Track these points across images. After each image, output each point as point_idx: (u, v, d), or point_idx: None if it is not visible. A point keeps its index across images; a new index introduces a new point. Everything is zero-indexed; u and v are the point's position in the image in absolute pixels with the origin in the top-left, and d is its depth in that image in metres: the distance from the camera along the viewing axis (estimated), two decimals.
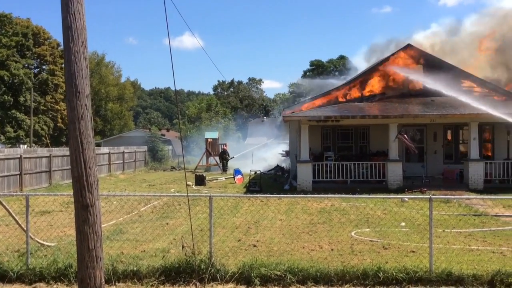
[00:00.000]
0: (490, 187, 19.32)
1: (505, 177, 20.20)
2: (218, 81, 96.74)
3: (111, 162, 31.53)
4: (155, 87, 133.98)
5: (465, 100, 20.07)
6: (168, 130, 66.96)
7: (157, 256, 8.35)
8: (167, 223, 12.03)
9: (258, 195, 11.60)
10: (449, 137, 24.01)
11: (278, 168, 30.68)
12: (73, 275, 7.13)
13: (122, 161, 33.63)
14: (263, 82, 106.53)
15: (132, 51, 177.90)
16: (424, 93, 22.17)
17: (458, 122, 21.35)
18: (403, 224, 11.34)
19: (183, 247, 7.36)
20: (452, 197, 15.43)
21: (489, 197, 13.87)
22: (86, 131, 5.24)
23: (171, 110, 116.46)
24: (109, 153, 31.37)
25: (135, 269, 7.39)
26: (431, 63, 22.27)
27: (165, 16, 5.56)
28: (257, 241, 9.89)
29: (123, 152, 34.11)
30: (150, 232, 10.71)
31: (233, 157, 34.75)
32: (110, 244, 9.38)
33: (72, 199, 5.36)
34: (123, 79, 74.83)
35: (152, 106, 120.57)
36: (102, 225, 11.41)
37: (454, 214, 13.17)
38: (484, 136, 23.07)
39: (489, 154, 22.93)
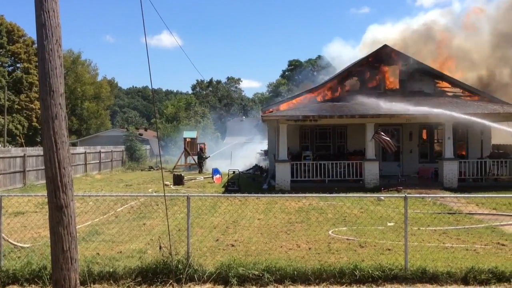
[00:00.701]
0: (464, 185, 19.73)
1: (478, 176, 20.66)
2: (197, 80, 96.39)
3: (87, 162, 31.07)
4: (133, 86, 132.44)
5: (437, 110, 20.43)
6: (146, 129, 66.23)
7: (133, 257, 8.28)
8: (144, 224, 11.93)
9: (236, 194, 11.62)
10: (424, 137, 24.44)
11: (256, 167, 30.73)
12: (48, 277, 7.01)
13: (98, 161, 33.17)
14: (242, 82, 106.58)
15: (109, 49, 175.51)
16: (401, 93, 22.52)
17: (433, 121, 21.73)
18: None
19: (160, 247, 7.31)
20: (427, 195, 15.70)
21: (463, 195, 14.15)
22: (60, 130, 5.16)
23: (149, 109, 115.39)
24: (85, 153, 30.91)
25: (111, 270, 7.31)
26: (407, 64, 22.62)
27: (142, 14, 5.52)
28: (235, 240, 9.89)
29: (100, 152, 33.65)
30: (126, 232, 10.60)
31: (209, 157, 34.70)
32: (86, 245, 9.26)
33: (47, 200, 5.27)
34: (99, 78, 73.78)
35: (129, 105, 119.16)
36: (78, 226, 11.25)
37: (429, 213, 13.42)
38: (459, 135, 23.55)
39: (463, 153, 23.43)
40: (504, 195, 12.90)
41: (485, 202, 15.20)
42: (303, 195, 10.54)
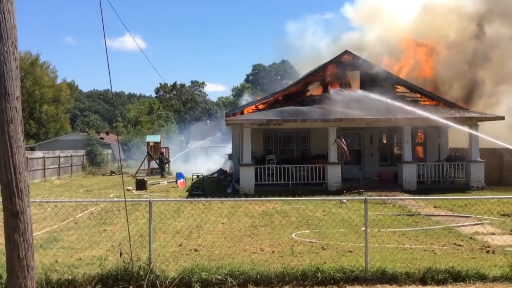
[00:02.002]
0: (423, 188, 20.36)
1: (436, 178, 21.33)
2: (160, 83, 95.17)
3: (46, 167, 30.17)
4: (94, 89, 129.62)
5: (400, 106, 21.00)
6: (107, 133, 64.87)
7: (93, 264, 8.10)
8: (105, 230, 11.68)
9: (200, 199, 11.56)
10: (384, 140, 25.03)
11: (221, 171, 30.63)
12: (3, 285, 6.76)
13: (57, 166, 32.26)
14: (206, 85, 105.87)
15: (70, 51, 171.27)
16: (361, 98, 23.00)
17: (393, 126, 22.30)
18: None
19: (121, 254, 7.18)
20: (387, 198, 16.08)
21: (421, 197, 14.61)
22: (16, 135, 5.00)
23: (110, 112, 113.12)
24: (43, 158, 30.00)
25: (70, 278, 7.13)
26: (367, 69, 23.14)
27: (103, 16, 5.43)
28: (199, 245, 9.84)
29: (59, 156, 32.74)
30: (86, 239, 10.35)
31: (169, 161, 34.41)
32: (44, 253, 8.98)
33: (1, 206, 5.10)
34: (59, 80, 71.78)
35: (90, 108, 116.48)
36: (35, 233, 10.90)
37: (388, 214, 13.74)
38: (417, 139, 24.25)
39: (422, 156, 24.13)
40: (460, 197, 13.41)
41: (442, 203, 15.71)
42: (267, 198, 10.66)
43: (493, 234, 10.72)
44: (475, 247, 9.55)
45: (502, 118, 20.91)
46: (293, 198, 10.18)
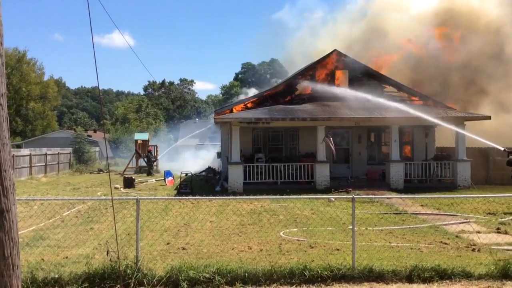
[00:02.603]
0: (410, 186, 20.51)
1: (423, 177, 21.52)
2: (149, 81, 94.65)
3: (33, 165, 29.84)
4: (82, 86, 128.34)
5: (388, 105, 21.13)
6: (95, 131, 64.37)
7: (80, 263, 8.03)
8: (92, 228, 11.60)
9: (188, 197, 11.52)
10: (372, 139, 25.18)
11: (210, 169, 30.57)
12: None
13: (44, 164, 31.92)
14: (195, 83, 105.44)
15: (57, 48, 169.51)
16: (350, 97, 23.09)
17: (381, 125, 22.45)
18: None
19: (107, 252, 7.13)
20: (374, 196, 16.20)
21: (408, 196, 14.68)
22: (1, 132, 4.94)
23: (98, 110, 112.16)
24: (30, 155, 29.67)
25: (56, 276, 7.06)
26: (356, 68, 23.25)
27: (91, 12, 5.38)
28: (187, 243, 9.81)
29: (46, 154, 32.41)
30: (73, 237, 10.26)
31: (156, 159, 34.26)
32: (30, 251, 8.90)
33: None
34: (46, 77, 71.00)
35: (78, 105, 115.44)
36: (21, 231, 10.80)
37: (376, 213, 13.84)
38: (404, 138, 24.41)
39: (409, 155, 24.31)
40: (446, 196, 13.53)
41: (429, 202, 15.85)
42: (256, 197, 10.64)
43: (478, 232, 10.85)
44: (461, 245, 9.66)
45: (489, 117, 21.17)
46: (282, 197, 10.21)
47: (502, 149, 15.71)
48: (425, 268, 7.43)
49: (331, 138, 20.61)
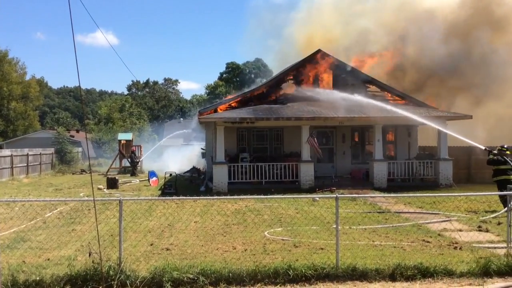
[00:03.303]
0: (393, 185, 20.71)
1: (406, 176, 21.73)
2: (132, 81, 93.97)
3: (14, 165, 29.38)
4: (64, 86, 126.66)
5: (374, 104, 21.26)
6: (78, 131, 63.54)
7: (62, 264, 7.92)
8: (74, 229, 11.45)
9: (173, 197, 11.45)
10: (356, 139, 25.35)
11: (194, 169, 30.45)
12: None
13: (26, 164, 31.45)
14: (179, 83, 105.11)
15: (40, 47, 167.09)
16: (334, 96, 23.22)
17: (365, 124, 22.62)
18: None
19: (90, 254, 7.05)
20: (358, 195, 16.31)
21: (391, 195, 14.81)
22: None
23: (81, 110, 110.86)
24: (11, 156, 29.20)
25: (37, 278, 6.96)
26: (340, 68, 23.39)
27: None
28: (171, 244, 9.76)
29: (27, 155, 31.93)
30: (55, 239, 10.12)
31: (140, 160, 34.03)
32: (11, 253, 8.77)
33: None
34: (28, 77, 69.94)
35: (60, 105, 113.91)
36: (2, 233, 10.65)
37: (359, 212, 13.93)
38: (388, 137, 24.65)
39: (392, 154, 24.54)
40: (429, 194, 13.66)
41: (411, 201, 16.03)
42: (240, 197, 10.64)
43: (460, 230, 11.00)
44: (443, 243, 9.77)
45: (470, 117, 21.46)
46: (266, 196, 10.19)
47: (484, 148, 15.93)
48: (408, 266, 7.50)
49: (315, 138, 20.70)
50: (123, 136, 37.44)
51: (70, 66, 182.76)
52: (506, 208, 12.07)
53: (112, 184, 22.66)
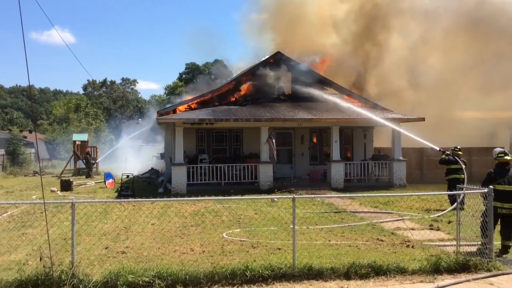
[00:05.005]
0: (350, 186, 21.15)
1: (362, 176, 22.23)
2: (88, 80, 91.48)
3: None
4: (17, 85, 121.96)
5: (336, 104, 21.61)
6: (30, 131, 61.38)
7: (12, 269, 7.61)
8: (24, 233, 11.05)
9: (129, 199, 11.23)
10: (314, 140, 25.70)
11: (153, 171, 30.03)
12: None
13: None
14: (138, 83, 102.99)
15: None
16: (293, 98, 23.52)
17: (322, 126, 22.97)
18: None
19: (41, 258, 6.83)
20: (316, 196, 16.51)
21: (347, 195, 15.14)
22: None
23: (34, 109, 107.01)
24: None
25: None
26: (298, 70, 23.66)
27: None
28: (126, 247, 9.58)
29: None
30: (5, 243, 9.73)
31: (96, 162, 33.23)
32: None
33: None
34: None
35: (13, 105, 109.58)
36: None
37: (316, 212, 14.13)
38: (345, 139, 25.12)
39: (349, 155, 25.05)
40: (383, 194, 14.03)
41: (367, 201, 16.41)
42: (199, 198, 10.57)
43: (412, 229, 11.36)
44: (396, 242, 10.05)
45: (422, 119, 22.17)
46: (225, 197, 10.18)
47: (438, 148, 16.52)
48: (362, 264, 7.67)
49: (273, 140, 20.84)
50: (78, 137, 36.44)
51: (23, 64, 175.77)
52: (453, 207, 12.61)
53: (66, 186, 21.99)
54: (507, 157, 9.34)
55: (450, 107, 27.39)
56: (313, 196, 15.23)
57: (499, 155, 9.42)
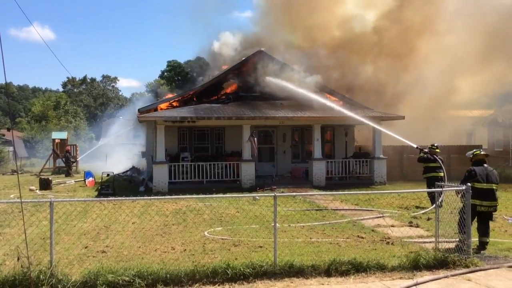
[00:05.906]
0: (331, 183, 21.32)
1: (343, 174, 22.40)
2: (68, 77, 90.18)
3: None
4: None
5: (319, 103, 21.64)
6: (8, 129, 60.24)
7: None
8: (1, 233, 10.85)
9: (109, 198, 11.12)
10: (296, 138, 25.81)
11: (134, 169, 29.75)
12: None
13: None
14: (118, 80, 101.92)
15: None
16: (275, 97, 23.51)
17: (304, 124, 23.08)
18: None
19: (18, 258, 6.71)
20: (298, 194, 16.61)
21: (329, 193, 15.22)
22: None
23: (13, 107, 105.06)
24: None
25: None
26: (280, 68, 23.67)
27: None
28: (107, 246, 9.48)
29: None
30: None
31: (75, 161, 32.79)
32: None
33: None
34: None
35: None
36: None
37: (298, 210, 14.19)
38: (326, 137, 25.31)
39: (330, 153, 25.21)
40: (364, 192, 14.16)
41: (348, 198, 16.55)
42: (180, 196, 10.50)
43: (392, 226, 11.50)
44: (376, 239, 10.16)
45: (402, 117, 22.44)
46: (207, 196, 10.14)
47: (416, 146, 16.73)
48: (343, 262, 7.73)
49: (255, 138, 20.86)
50: (57, 135, 35.92)
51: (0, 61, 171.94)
52: (434, 205, 12.78)
53: (45, 185, 21.64)
54: (482, 152, 9.60)
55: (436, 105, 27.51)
56: (294, 194, 15.36)
57: (475, 152, 9.64)
